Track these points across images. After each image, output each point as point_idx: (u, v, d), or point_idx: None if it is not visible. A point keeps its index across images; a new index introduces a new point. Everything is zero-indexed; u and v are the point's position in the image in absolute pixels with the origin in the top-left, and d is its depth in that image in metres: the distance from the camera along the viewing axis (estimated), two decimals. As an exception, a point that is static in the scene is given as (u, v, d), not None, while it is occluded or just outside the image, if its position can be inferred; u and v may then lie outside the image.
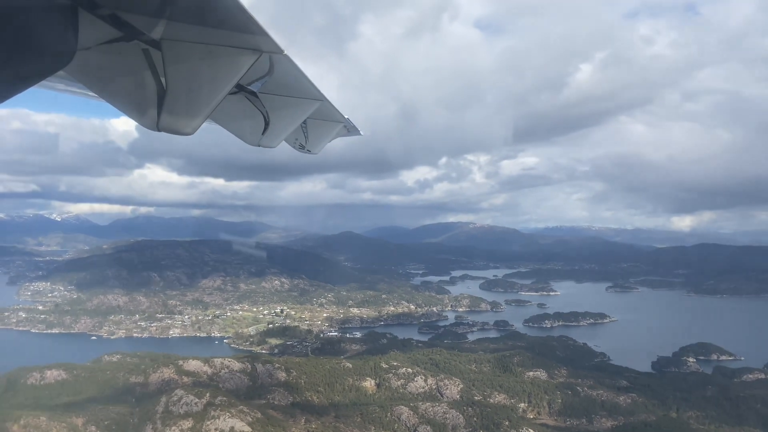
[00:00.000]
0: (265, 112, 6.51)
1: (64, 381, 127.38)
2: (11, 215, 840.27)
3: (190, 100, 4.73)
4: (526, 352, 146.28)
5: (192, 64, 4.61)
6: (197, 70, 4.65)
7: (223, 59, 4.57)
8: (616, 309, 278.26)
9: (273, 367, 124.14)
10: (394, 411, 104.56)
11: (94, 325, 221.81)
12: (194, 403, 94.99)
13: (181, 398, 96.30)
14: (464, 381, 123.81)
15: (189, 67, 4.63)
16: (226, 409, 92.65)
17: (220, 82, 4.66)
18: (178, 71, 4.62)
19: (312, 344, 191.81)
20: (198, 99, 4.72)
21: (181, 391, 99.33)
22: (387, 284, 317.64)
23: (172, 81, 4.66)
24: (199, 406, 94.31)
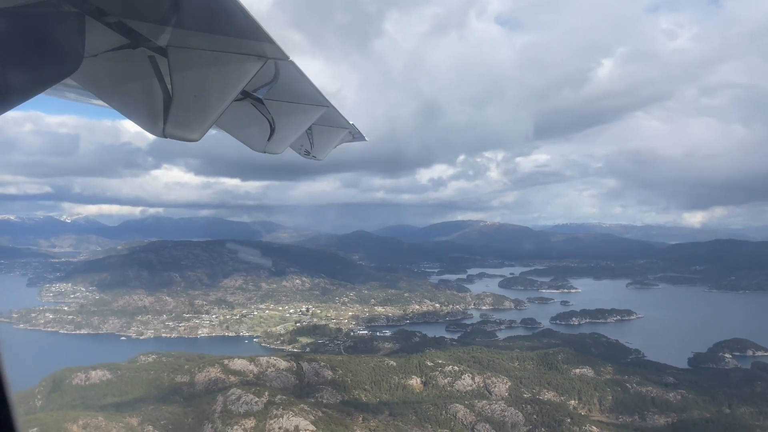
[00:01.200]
0: (271, 118, 6.54)
1: (109, 381, 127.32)
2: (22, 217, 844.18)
3: (196, 107, 4.73)
4: (570, 349, 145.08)
5: (198, 70, 4.62)
6: (203, 77, 4.65)
7: (229, 66, 4.60)
8: (641, 305, 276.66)
9: (319, 366, 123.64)
10: (449, 409, 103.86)
11: (122, 326, 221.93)
12: (254, 402, 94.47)
13: (239, 397, 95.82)
14: (511, 379, 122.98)
15: (195, 74, 4.63)
16: (288, 407, 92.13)
17: (226, 88, 4.68)
18: (185, 78, 4.62)
19: (344, 343, 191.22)
20: (204, 105, 4.74)
21: (238, 390, 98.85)
22: (407, 283, 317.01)
23: (179, 88, 4.66)
24: (260, 405, 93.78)
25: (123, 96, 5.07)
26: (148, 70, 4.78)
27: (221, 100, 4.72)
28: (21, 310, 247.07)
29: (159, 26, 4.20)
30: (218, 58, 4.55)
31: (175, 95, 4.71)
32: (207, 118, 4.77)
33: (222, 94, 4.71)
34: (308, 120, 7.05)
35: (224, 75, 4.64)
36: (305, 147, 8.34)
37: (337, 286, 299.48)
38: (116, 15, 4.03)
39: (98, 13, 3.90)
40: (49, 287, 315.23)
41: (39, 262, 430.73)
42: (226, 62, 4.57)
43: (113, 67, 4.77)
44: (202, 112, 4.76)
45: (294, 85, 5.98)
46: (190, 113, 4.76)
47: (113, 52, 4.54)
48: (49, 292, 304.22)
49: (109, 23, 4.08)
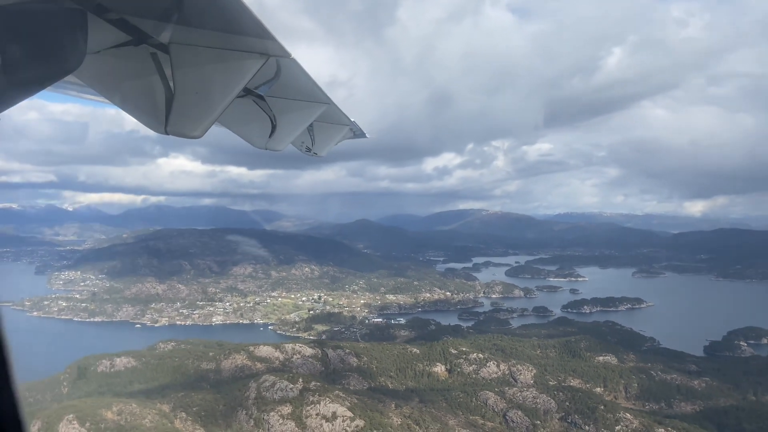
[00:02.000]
0: (272, 115, 6.61)
1: (134, 368, 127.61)
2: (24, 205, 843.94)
3: (198, 104, 4.78)
4: (591, 337, 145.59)
5: (200, 67, 4.67)
6: (205, 74, 4.70)
7: (230, 63, 4.64)
8: (650, 294, 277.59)
9: (344, 353, 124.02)
10: (479, 396, 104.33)
11: (136, 313, 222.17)
12: (289, 388, 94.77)
13: (273, 384, 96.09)
14: (536, 366, 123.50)
15: (197, 71, 4.68)
16: (324, 394, 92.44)
17: (227, 85, 4.72)
18: (186, 75, 4.67)
19: (359, 330, 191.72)
20: (206, 102, 4.78)
21: (271, 377, 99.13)
22: (415, 271, 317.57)
23: (180, 85, 4.71)
24: (295, 391, 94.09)
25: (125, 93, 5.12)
26: (150, 67, 4.81)
27: (223, 98, 4.75)
28: (33, 298, 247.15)
29: (161, 23, 4.23)
30: (220, 56, 4.58)
31: (177, 92, 4.73)
32: (209, 115, 4.80)
33: (224, 92, 4.74)
34: (309, 117, 7.10)
35: (226, 72, 4.68)
36: (306, 144, 8.43)
37: (346, 275, 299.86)
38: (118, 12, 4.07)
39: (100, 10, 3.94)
40: (58, 275, 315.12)
41: (45, 250, 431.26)
42: (227, 59, 4.60)
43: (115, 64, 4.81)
44: (204, 109, 4.80)
45: (295, 82, 6.04)
46: (192, 110, 4.80)
47: (115, 49, 4.58)
48: (59, 280, 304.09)
49: (111, 20, 4.13)
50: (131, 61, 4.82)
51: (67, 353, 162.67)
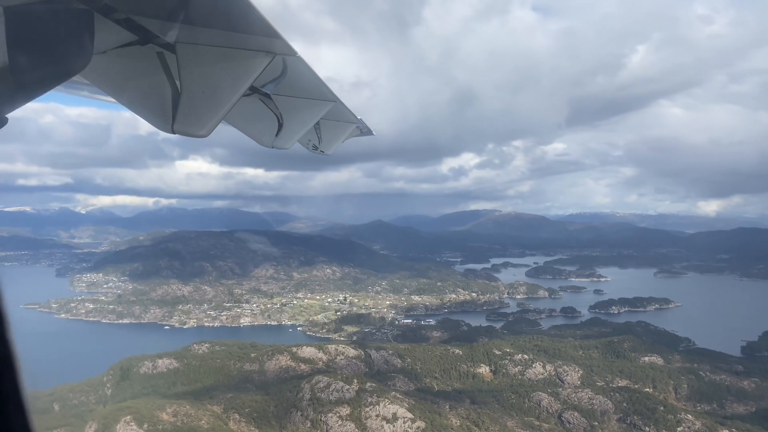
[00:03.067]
0: (279, 113, 6.55)
1: (176, 369, 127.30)
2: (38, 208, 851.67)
3: (205, 103, 4.78)
4: (634, 337, 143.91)
5: (206, 67, 4.69)
6: (211, 73, 4.72)
7: (237, 62, 4.65)
8: (676, 294, 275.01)
9: (388, 354, 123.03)
10: (531, 397, 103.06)
11: (163, 315, 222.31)
12: (345, 389, 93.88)
13: (329, 385, 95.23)
14: (582, 367, 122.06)
15: (203, 70, 4.70)
16: (382, 395, 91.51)
17: (234, 84, 4.75)
18: (193, 74, 4.68)
19: (390, 331, 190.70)
20: (212, 101, 4.78)
21: (325, 378, 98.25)
22: (436, 272, 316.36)
23: (187, 84, 4.72)
24: (351, 392, 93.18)
25: (132, 92, 5.08)
26: (157, 66, 4.79)
27: (230, 96, 4.74)
28: (60, 300, 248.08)
29: (167, 23, 4.24)
30: (226, 54, 4.56)
31: (184, 91, 4.71)
32: (216, 114, 4.77)
33: (230, 90, 4.73)
34: (316, 115, 7.08)
35: (232, 71, 4.66)
36: (313, 142, 8.40)
37: (367, 276, 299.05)
38: (125, 12, 4.09)
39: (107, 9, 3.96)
40: (80, 277, 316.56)
41: (62, 252, 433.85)
42: (234, 58, 4.58)
43: (122, 63, 4.79)
44: (211, 108, 4.76)
45: (302, 80, 6.01)
46: (198, 109, 4.76)
47: (122, 49, 4.59)
48: (81, 282, 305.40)
49: (117, 20, 4.16)
50: (138, 61, 4.79)
51: (104, 355, 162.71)
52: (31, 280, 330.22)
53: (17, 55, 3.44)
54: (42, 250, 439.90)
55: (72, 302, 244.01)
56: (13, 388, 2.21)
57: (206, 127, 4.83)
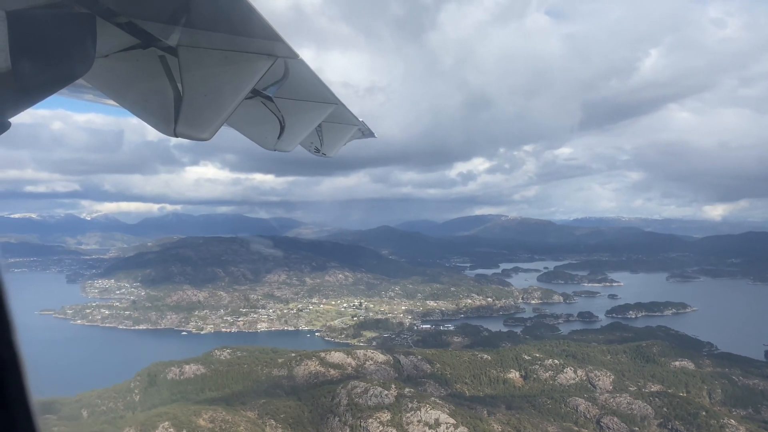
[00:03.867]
0: (281, 116, 6.58)
1: (204, 375, 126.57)
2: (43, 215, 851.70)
3: (207, 106, 4.83)
4: (663, 342, 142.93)
5: (208, 70, 4.72)
6: (213, 76, 4.75)
7: (239, 65, 4.70)
8: (690, 298, 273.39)
9: (417, 359, 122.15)
10: (568, 402, 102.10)
11: (180, 321, 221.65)
12: (384, 395, 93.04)
13: (366, 390, 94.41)
14: (613, 372, 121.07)
15: (205, 73, 4.73)
16: (423, 400, 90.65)
17: (236, 87, 4.78)
18: (195, 77, 4.72)
19: (410, 337, 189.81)
20: (214, 104, 4.83)
21: (362, 383, 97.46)
22: (448, 277, 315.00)
23: (189, 87, 4.76)
24: (390, 397, 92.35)
25: (134, 96, 5.12)
26: (159, 69, 4.84)
27: (232, 99, 4.77)
28: (74, 307, 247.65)
29: (169, 26, 4.28)
30: (228, 57, 4.61)
31: (186, 94, 4.74)
32: (218, 117, 4.81)
33: (232, 93, 4.75)
34: (318, 117, 7.09)
35: (234, 74, 4.68)
36: (315, 144, 8.42)
37: (380, 281, 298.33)
38: (127, 15, 4.10)
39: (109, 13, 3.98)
40: (91, 283, 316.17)
41: (71, 259, 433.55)
42: (236, 61, 4.62)
43: (124, 67, 4.83)
44: (213, 111, 4.79)
45: (303, 83, 6.02)
46: (200, 112, 4.80)
47: (124, 53, 4.63)
48: (93, 288, 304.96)
49: (119, 24, 4.18)
50: (140, 64, 4.81)
51: (126, 361, 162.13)
52: (43, 286, 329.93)
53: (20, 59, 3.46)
54: (51, 257, 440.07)
55: (87, 308, 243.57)
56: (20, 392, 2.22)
57: (208, 130, 4.85)
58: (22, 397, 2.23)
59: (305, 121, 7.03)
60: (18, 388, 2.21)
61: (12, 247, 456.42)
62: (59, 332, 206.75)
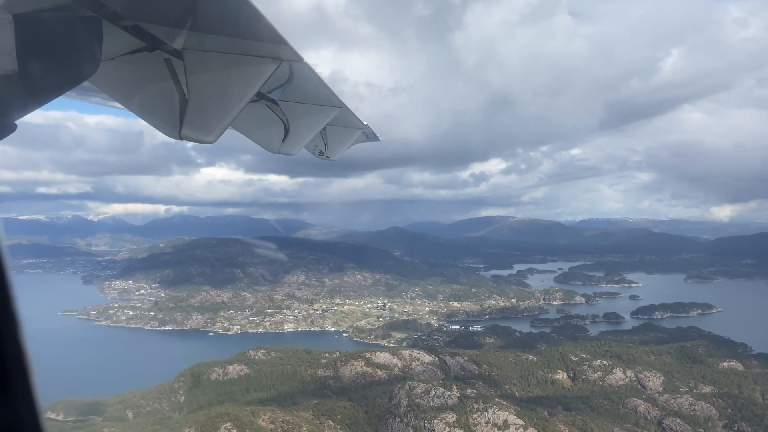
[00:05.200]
0: (285, 119, 6.61)
1: (248, 376, 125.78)
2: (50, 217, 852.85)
3: (212, 109, 4.88)
4: (708, 342, 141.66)
5: (213, 73, 4.77)
6: (218, 79, 4.80)
7: (244, 68, 4.73)
8: (713, 299, 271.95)
9: (464, 360, 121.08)
10: (626, 403, 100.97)
11: (206, 322, 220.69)
12: (447, 395, 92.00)
13: (428, 391, 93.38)
14: (662, 373, 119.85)
15: (210, 77, 4.78)
16: (488, 401, 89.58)
17: (241, 90, 4.82)
18: (200, 80, 4.78)
19: (440, 337, 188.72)
20: (219, 107, 4.87)
21: (421, 384, 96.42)
22: (467, 278, 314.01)
23: (194, 90, 4.81)
24: (453, 398, 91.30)
25: (139, 99, 5.16)
26: (164, 72, 4.89)
27: (236, 102, 4.81)
28: (97, 307, 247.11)
29: (175, 29, 4.32)
30: (233, 61, 4.65)
31: (191, 98, 4.78)
32: (223, 120, 4.85)
33: (237, 96, 4.80)
34: (322, 121, 7.10)
35: (239, 77, 4.72)
36: (319, 147, 8.42)
37: (399, 282, 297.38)
38: (132, 19, 4.16)
39: (115, 17, 4.04)
40: (109, 284, 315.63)
41: (84, 260, 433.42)
42: (241, 64, 4.67)
43: (130, 70, 4.89)
44: (218, 114, 4.84)
45: (308, 86, 6.05)
46: (205, 115, 4.84)
47: (130, 56, 4.69)
48: (112, 289, 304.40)
49: (125, 27, 4.25)
50: (145, 67, 4.85)
51: (161, 361, 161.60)
52: (60, 287, 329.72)
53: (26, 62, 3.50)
54: (63, 258, 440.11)
55: (110, 309, 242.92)
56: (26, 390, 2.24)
57: (213, 133, 4.87)
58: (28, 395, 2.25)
59: (310, 124, 7.02)
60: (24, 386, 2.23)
61: (24, 249, 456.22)
62: (86, 333, 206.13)
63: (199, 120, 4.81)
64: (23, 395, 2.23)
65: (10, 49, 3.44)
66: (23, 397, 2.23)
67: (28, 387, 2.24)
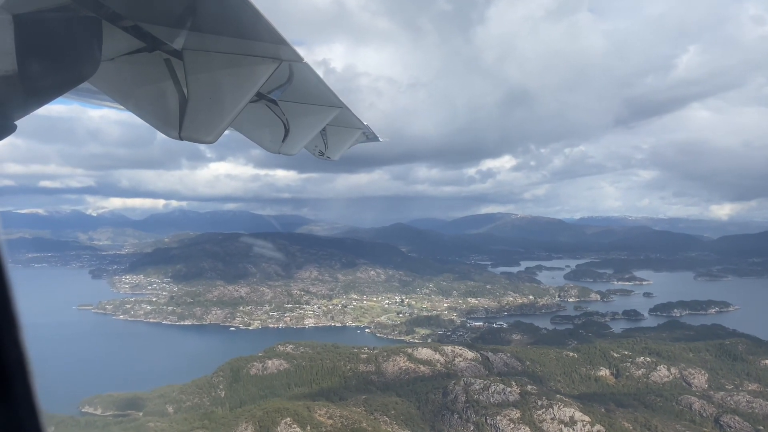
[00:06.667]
0: (285, 119, 6.63)
1: (287, 371, 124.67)
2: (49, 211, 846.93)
3: (212, 109, 4.91)
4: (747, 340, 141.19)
5: (213, 73, 4.80)
6: (218, 80, 4.83)
7: (243, 68, 4.76)
8: (729, 297, 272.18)
9: (507, 356, 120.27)
10: (679, 400, 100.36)
11: (225, 316, 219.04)
12: (507, 391, 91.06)
13: (486, 387, 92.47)
14: (706, 370, 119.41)
15: (210, 77, 4.81)
16: (551, 397, 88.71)
17: (241, 90, 4.85)
18: (200, 81, 4.81)
19: (466, 334, 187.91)
20: (219, 108, 4.91)
21: (479, 380, 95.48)
22: (478, 275, 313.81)
23: (194, 90, 4.84)
24: (514, 395, 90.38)
25: (139, 99, 5.18)
26: (164, 73, 4.91)
27: (236, 102, 4.84)
28: (113, 302, 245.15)
29: (174, 30, 4.34)
30: (233, 61, 4.67)
31: (191, 98, 4.82)
32: (222, 120, 4.89)
33: (237, 97, 4.83)
34: (322, 121, 7.09)
35: (239, 77, 4.74)
36: (319, 148, 8.40)
37: (412, 278, 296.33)
38: (132, 19, 4.17)
39: (115, 17, 4.05)
40: (119, 279, 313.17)
41: (89, 254, 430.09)
42: (241, 65, 4.69)
43: (130, 70, 4.91)
44: (218, 115, 4.88)
45: (308, 86, 6.06)
46: (205, 115, 4.87)
47: (129, 56, 4.71)
48: (123, 283, 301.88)
49: (125, 27, 4.26)
50: (145, 68, 4.87)
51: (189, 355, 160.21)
52: (69, 281, 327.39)
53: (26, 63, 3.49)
54: (67, 252, 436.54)
55: (126, 304, 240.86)
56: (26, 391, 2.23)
57: (213, 133, 4.88)
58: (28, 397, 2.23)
59: (310, 124, 6.98)
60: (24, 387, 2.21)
61: (27, 243, 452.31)
62: (106, 327, 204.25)
63: (199, 120, 4.78)
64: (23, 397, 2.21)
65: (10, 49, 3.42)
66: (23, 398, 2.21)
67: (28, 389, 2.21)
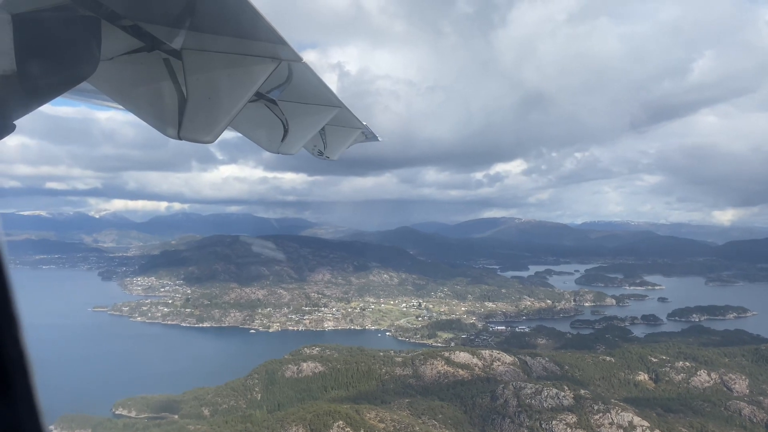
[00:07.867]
0: (284, 119, 6.66)
1: (322, 373, 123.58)
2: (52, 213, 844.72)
3: (211, 109, 4.91)
4: None
5: (212, 73, 4.80)
6: (217, 79, 4.83)
7: (243, 68, 4.76)
8: (745, 302, 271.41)
9: (544, 361, 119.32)
10: (728, 405, 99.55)
11: (244, 319, 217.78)
12: (561, 396, 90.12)
13: (539, 391, 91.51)
14: (746, 375, 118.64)
15: (209, 77, 4.81)
16: (607, 401, 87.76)
17: (240, 90, 4.84)
18: (199, 80, 4.81)
19: (489, 338, 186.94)
20: (218, 107, 4.91)
21: (530, 384, 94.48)
22: (491, 279, 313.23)
23: (193, 90, 4.84)
24: (568, 399, 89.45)
25: (138, 99, 5.19)
26: (163, 72, 4.91)
27: (235, 102, 4.84)
28: (129, 304, 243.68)
29: (173, 29, 4.33)
30: (232, 61, 4.67)
31: (190, 98, 4.83)
32: (221, 120, 4.89)
33: (236, 96, 4.82)
34: (321, 121, 7.09)
35: (238, 77, 4.75)
36: (318, 147, 8.43)
37: (425, 281, 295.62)
38: (131, 19, 4.17)
39: (114, 17, 4.05)
40: (131, 281, 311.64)
41: (96, 256, 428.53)
42: (240, 64, 4.69)
43: (129, 70, 4.91)
44: (217, 114, 4.88)
45: (307, 86, 6.08)
46: (204, 115, 4.88)
47: (129, 56, 4.71)
48: (135, 285, 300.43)
49: (124, 27, 4.27)
50: (144, 67, 4.88)
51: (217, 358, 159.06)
52: (80, 283, 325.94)
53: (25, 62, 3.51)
54: (74, 254, 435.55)
55: (142, 306, 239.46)
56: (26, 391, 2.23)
57: (212, 133, 4.87)
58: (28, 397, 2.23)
59: (309, 124, 6.97)
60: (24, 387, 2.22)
61: (34, 244, 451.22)
62: (125, 329, 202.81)
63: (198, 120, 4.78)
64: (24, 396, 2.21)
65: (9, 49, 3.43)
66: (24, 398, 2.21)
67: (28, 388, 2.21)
